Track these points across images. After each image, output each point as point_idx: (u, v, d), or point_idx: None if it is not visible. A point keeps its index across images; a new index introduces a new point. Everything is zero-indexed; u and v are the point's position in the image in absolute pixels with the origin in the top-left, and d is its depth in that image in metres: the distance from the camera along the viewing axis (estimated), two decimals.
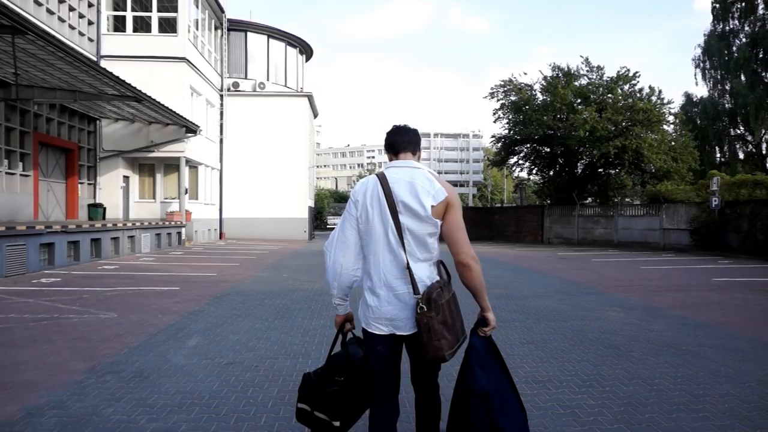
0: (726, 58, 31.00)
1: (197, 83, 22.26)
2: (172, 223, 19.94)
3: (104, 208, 18.83)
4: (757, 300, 8.29)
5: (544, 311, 7.32)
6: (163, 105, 16.62)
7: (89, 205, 18.52)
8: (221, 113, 26.22)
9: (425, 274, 2.23)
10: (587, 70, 24.89)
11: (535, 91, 26.42)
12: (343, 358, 2.40)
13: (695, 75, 33.18)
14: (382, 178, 2.29)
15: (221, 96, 26.11)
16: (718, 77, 32.09)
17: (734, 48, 31.04)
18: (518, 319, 6.74)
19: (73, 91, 14.57)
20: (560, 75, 24.98)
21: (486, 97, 27.73)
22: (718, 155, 32.81)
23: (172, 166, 21.71)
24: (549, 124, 24.55)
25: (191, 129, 20.21)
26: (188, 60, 20.73)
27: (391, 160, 2.41)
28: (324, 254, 2.40)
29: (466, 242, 2.24)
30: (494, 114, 27.84)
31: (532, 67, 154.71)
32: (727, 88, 31.56)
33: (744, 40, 30.66)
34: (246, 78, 27.35)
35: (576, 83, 24.60)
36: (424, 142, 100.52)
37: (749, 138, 32.02)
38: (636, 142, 22.34)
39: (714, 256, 16.87)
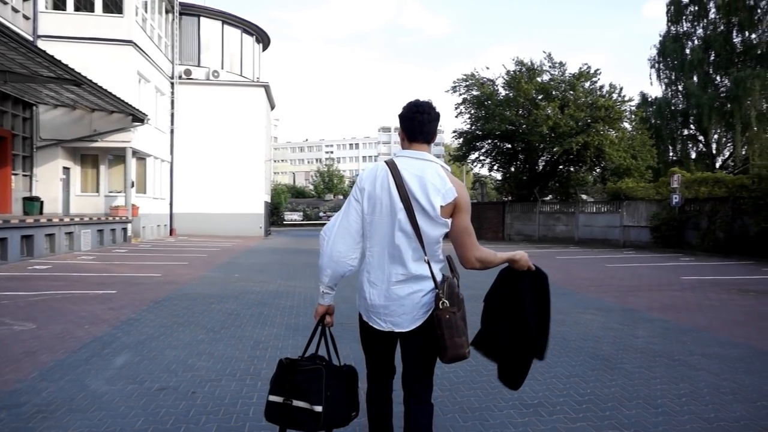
0: (680, 59, 31.65)
1: (145, 69, 20.88)
2: (117, 218, 18.63)
3: (41, 202, 17.29)
4: (734, 300, 8.03)
5: None
6: (106, 90, 15.34)
7: (24, 199, 16.96)
8: (172, 102, 24.81)
9: (437, 270, 2.15)
10: (550, 66, 24.80)
11: (497, 86, 26.16)
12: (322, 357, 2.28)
13: (650, 75, 33.79)
14: (394, 168, 2.12)
15: (172, 84, 24.70)
16: (672, 78, 32.73)
17: (687, 50, 31.75)
18: None
19: (2, 71, 13.21)
20: (523, 70, 24.77)
21: (448, 91, 27.33)
22: (671, 154, 33.52)
23: (118, 157, 20.31)
24: (511, 120, 24.32)
25: (138, 117, 18.85)
26: (135, 44, 19.35)
27: (403, 145, 2.22)
28: (321, 239, 2.21)
29: (474, 245, 2.16)
30: (456, 108, 27.47)
31: (492, 63, 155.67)
32: (681, 89, 32.26)
33: (697, 42, 31.40)
34: (199, 66, 26.01)
35: (539, 79, 24.45)
36: (384, 137, 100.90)
37: (700, 138, 32.85)
38: (598, 139, 22.37)
39: (675, 254, 16.93)
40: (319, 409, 2.11)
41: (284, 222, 48.17)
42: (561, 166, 27.02)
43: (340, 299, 3.08)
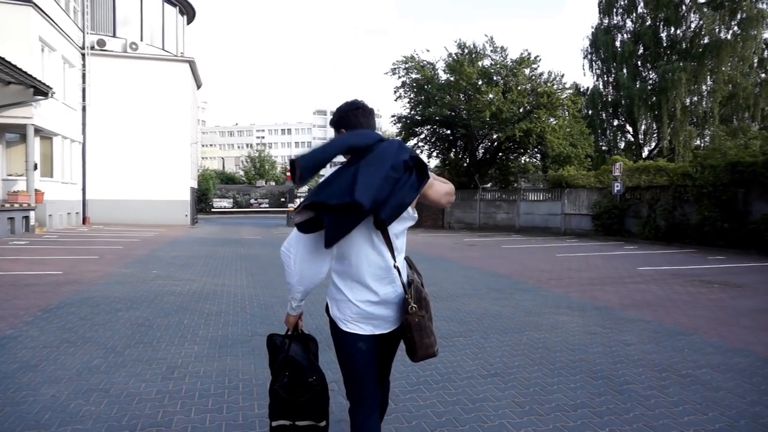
0: (611, 51, 32.28)
1: (50, 35, 18.40)
2: (16, 205, 16.31)
3: None
4: (702, 294, 7.59)
5: (485, 318, 5.94)
6: (1, 58, 13.15)
7: None
8: (83, 75, 22.23)
9: (404, 270, 2.11)
10: (491, 50, 24.27)
11: (437, 69, 25.40)
12: (287, 358, 2.28)
13: (583, 66, 34.38)
14: None
15: (83, 55, 22.10)
16: (604, 69, 33.40)
17: (617, 42, 32.45)
18: (461, 333, 5.28)
19: None
20: (466, 52, 24.11)
21: (387, 73, 26.30)
22: (602, 144, 34.33)
23: (21, 136, 17.80)
24: (452, 104, 23.64)
25: (41, 90, 16.47)
26: (36, 5, 16.90)
27: None
28: (284, 255, 2.08)
29: (443, 188, 2.20)
30: (395, 92, 26.51)
31: (432, 45, 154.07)
32: (611, 80, 33.00)
33: (627, 35, 32.13)
34: (114, 36, 23.46)
35: (480, 63, 23.90)
36: (318, 121, 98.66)
37: (629, 129, 33.83)
38: (540, 126, 22.16)
39: (617, 241, 16.91)
40: (323, 424, 2.25)
41: (213, 209, 45.63)
42: (501, 154, 26.79)
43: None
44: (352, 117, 2.13)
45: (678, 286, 8.17)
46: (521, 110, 22.70)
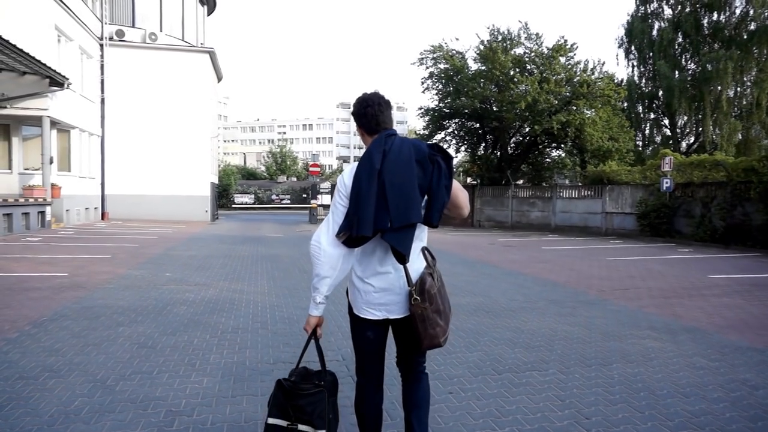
0: (649, 40, 30.65)
1: (67, 25, 17.79)
2: (32, 200, 15.73)
3: None
4: None
5: (555, 341, 4.90)
6: (12, 45, 12.47)
7: None
8: (102, 67, 21.66)
9: (415, 262, 2.17)
10: (526, 38, 22.88)
11: (466, 59, 24.14)
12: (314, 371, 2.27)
13: (617, 56, 32.85)
14: None
15: (101, 46, 21.52)
16: (641, 59, 31.76)
17: (655, 30, 30.80)
18: (533, 364, 4.24)
19: None
20: (500, 39, 22.78)
21: (414, 63, 25.19)
22: (638, 138, 32.71)
23: (35, 128, 17.23)
24: (485, 95, 22.37)
25: (57, 81, 15.87)
26: None
27: (365, 141, 2.24)
28: (313, 249, 2.14)
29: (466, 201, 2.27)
30: (422, 83, 25.35)
31: (461, 34, 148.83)
32: (648, 71, 31.35)
33: (665, 23, 30.45)
34: (134, 27, 22.84)
35: (513, 51, 22.57)
36: (342, 114, 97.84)
37: (664, 122, 32.16)
38: (579, 118, 20.80)
39: (666, 243, 15.58)
40: None
41: (234, 205, 45.11)
42: (537, 148, 25.40)
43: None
44: (370, 117, 2.21)
45: None
46: (558, 101, 21.35)
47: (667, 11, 30.69)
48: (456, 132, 27.03)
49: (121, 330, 5.03)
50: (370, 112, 2.18)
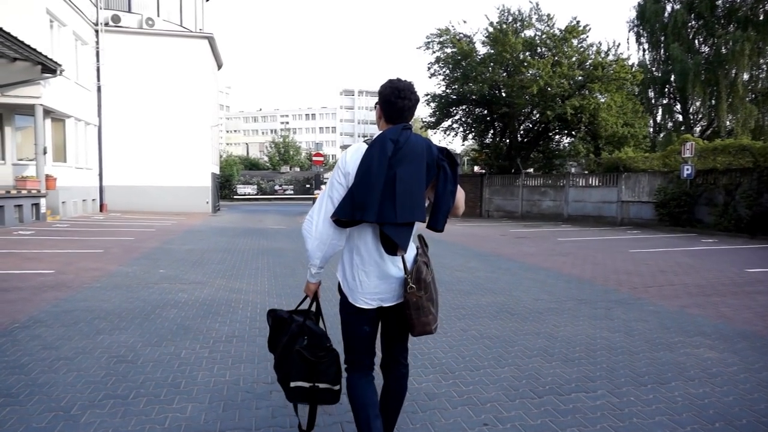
0: (661, 22, 29.64)
1: (59, 9, 17.08)
2: (25, 191, 15.14)
3: None
4: None
5: (595, 351, 4.26)
6: (2, 30, 11.82)
7: None
8: (97, 53, 20.95)
9: (411, 250, 2.21)
10: (537, 19, 21.99)
11: (474, 43, 23.28)
12: (303, 326, 2.38)
13: (628, 39, 31.82)
14: None
15: (96, 32, 20.79)
16: (653, 42, 30.78)
17: (667, 12, 29.77)
18: (578, 384, 3.60)
19: None
20: (510, 20, 21.88)
21: (420, 47, 24.36)
22: (650, 124, 31.83)
23: (29, 117, 16.59)
24: (494, 80, 21.52)
25: (49, 68, 15.18)
26: None
27: (380, 125, 2.25)
28: (307, 223, 2.20)
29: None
30: (429, 69, 24.52)
31: (468, 16, 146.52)
32: (660, 54, 30.38)
33: (678, 4, 29.41)
34: (130, 12, 22.06)
35: (524, 33, 21.67)
36: (345, 102, 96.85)
37: (677, 107, 31.24)
38: (594, 103, 19.97)
39: (688, 233, 14.88)
40: (337, 387, 2.34)
41: (236, 196, 44.50)
42: (548, 135, 24.56)
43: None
44: (397, 108, 2.17)
45: None
46: (571, 85, 20.51)
47: None
48: (463, 119, 26.22)
49: (101, 339, 4.42)
50: (401, 105, 2.16)
